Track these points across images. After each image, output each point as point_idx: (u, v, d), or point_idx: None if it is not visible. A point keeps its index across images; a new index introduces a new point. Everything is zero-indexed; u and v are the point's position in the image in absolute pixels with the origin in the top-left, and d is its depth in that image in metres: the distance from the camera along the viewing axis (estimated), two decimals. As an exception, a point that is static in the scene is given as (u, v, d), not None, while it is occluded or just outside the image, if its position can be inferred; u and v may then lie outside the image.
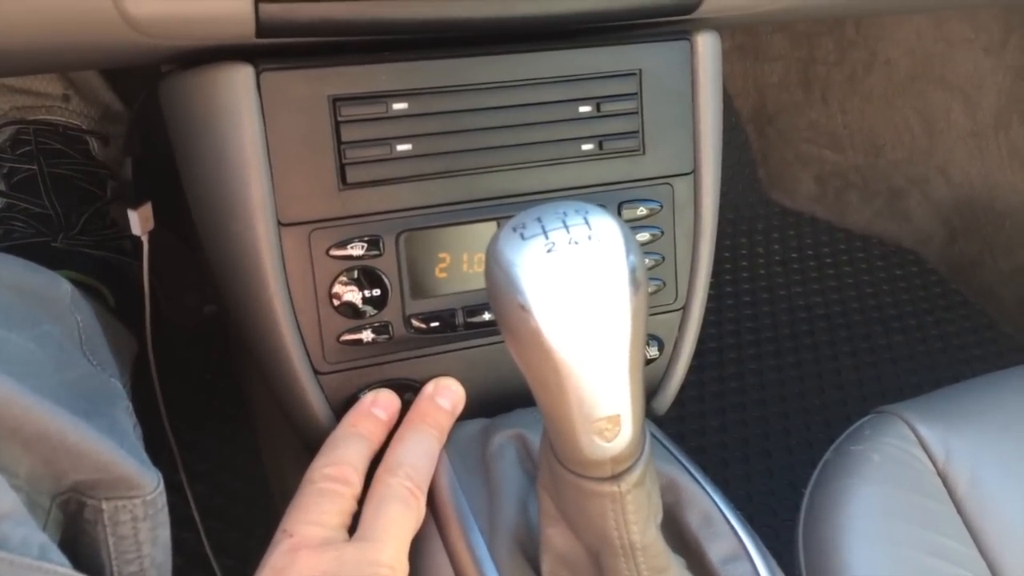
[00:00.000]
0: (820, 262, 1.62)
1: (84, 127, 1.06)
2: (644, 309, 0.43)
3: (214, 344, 1.24)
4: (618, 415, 0.44)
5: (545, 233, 0.43)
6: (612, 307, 0.42)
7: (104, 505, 0.42)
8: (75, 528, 0.42)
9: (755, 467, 1.23)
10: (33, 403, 0.39)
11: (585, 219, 0.44)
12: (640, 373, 0.45)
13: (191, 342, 1.25)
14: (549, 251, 0.42)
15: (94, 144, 1.08)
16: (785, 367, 1.41)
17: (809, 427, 1.31)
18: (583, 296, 0.42)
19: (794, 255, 1.62)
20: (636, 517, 0.48)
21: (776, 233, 1.66)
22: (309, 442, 0.67)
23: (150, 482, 0.43)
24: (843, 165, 1.70)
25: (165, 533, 0.44)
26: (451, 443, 0.63)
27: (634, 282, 0.42)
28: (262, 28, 0.56)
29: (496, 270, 0.43)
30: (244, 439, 1.13)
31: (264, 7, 0.55)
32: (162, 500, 0.44)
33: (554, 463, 0.48)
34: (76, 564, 0.38)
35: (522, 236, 0.44)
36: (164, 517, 0.44)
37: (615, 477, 0.46)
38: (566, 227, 0.43)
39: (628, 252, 0.43)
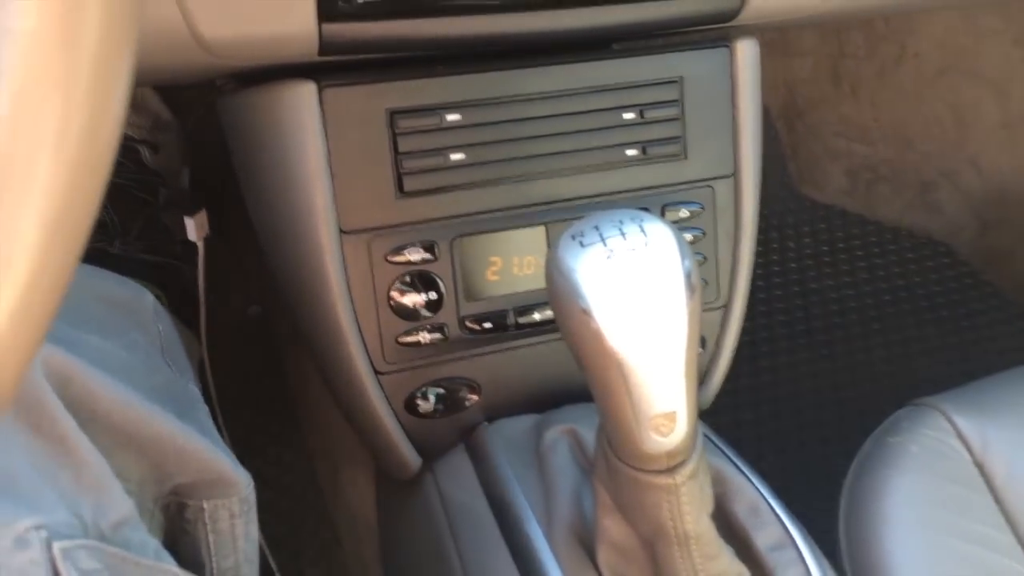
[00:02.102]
0: (851, 255, 1.63)
1: (136, 137, 1.10)
2: (699, 311, 0.46)
3: (260, 344, 1.28)
4: (674, 412, 0.47)
5: (603, 240, 0.46)
6: (670, 310, 0.45)
7: (205, 504, 0.45)
8: (175, 529, 0.45)
9: (790, 459, 1.25)
10: (149, 409, 0.42)
11: (641, 226, 0.46)
12: (695, 371, 0.47)
13: (237, 343, 1.28)
14: (608, 258, 0.45)
15: (146, 153, 1.11)
16: (818, 360, 1.43)
17: (843, 419, 1.33)
18: (642, 300, 0.44)
19: (825, 248, 1.64)
20: (690, 508, 0.50)
21: (807, 227, 1.67)
22: (367, 440, 0.70)
23: (244, 481, 0.46)
24: (873, 158, 1.70)
25: (254, 529, 0.48)
26: (505, 438, 0.66)
27: (690, 286, 0.45)
28: (325, 47, 0.59)
29: (557, 276, 0.46)
30: (291, 436, 1.16)
31: (327, 27, 0.58)
32: (253, 497, 0.47)
33: (611, 457, 0.50)
34: (178, 563, 0.41)
35: (581, 244, 0.46)
36: (254, 514, 0.47)
37: (670, 470, 0.49)
38: (623, 234, 0.46)
39: (683, 257, 0.45)
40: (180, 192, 1.09)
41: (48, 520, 0.33)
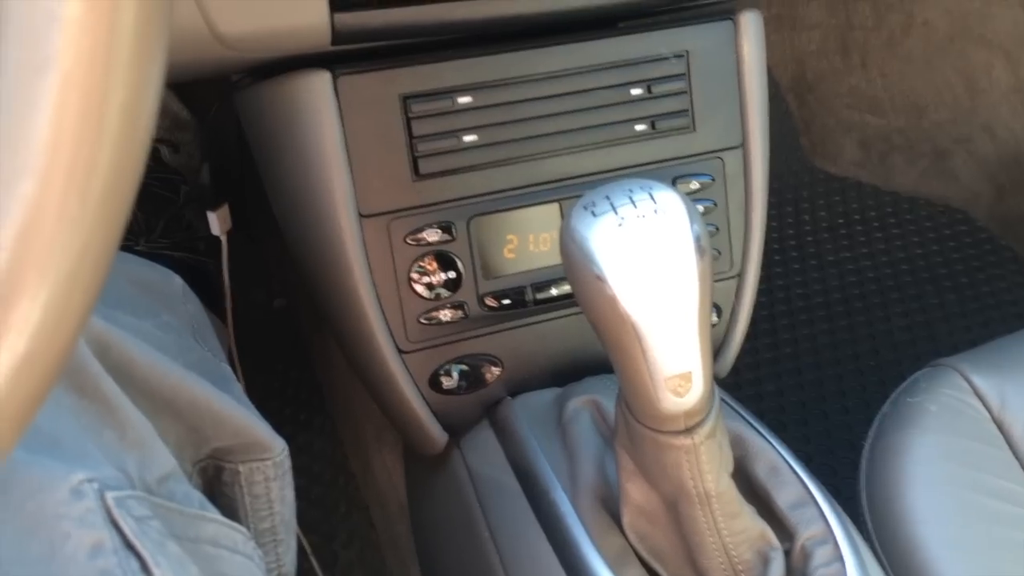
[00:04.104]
0: (868, 226, 1.63)
1: (156, 136, 1.12)
2: (709, 274, 0.48)
3: (286, 336, 1.30)
4: (690, 372, 0.48)
5: (615, 209, 0.47)
6: (681, 272, 0.46)
7: (241, 468, 0.47)
8: (212, 491, 0.48)
9: (813, 428, 1.26)
10: (185, 375, 0.44)
11: (650, 194, 0.48)
12: (708, 333, 0.49)
13: (262, 335, 1.31)
14: (620, 225, 0.46)
15: (165, 152, 1.14)
16: (838, 331, 1.43)
17: (865, 387, 1.34)
18: (654, 264, 0.46)
19: (841, 220, 1.64)
20: (710, 467, 0.52)
21: (822, 200, 1.67)
22: (394, 418, 0.72)
23: (278, 445, 0.48)
24: (886, 129, 1.70)
25: (291, 492, 0.50)
26: (528, 412, 0.67)
27: (699, 249, 0.46)
28: (337, 36, 0.60)
29: (572, 246, 0.48)
30: (321, 423, 1.19)
31: (339, 17, 0.60)
32: (288, 462, 0.49)
33: (631, 421, 0.52)
34: None
35: (593, 213, 0.48)
36: (290, 478, 0.49)
37: (689, 430, 0.50)
38: (633, 202, 0.47)
39: (692, 222, 0.47)
40: (201, 188, 1.11)
41: (97, 475, 0.35)
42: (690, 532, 0.55)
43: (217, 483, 0.48)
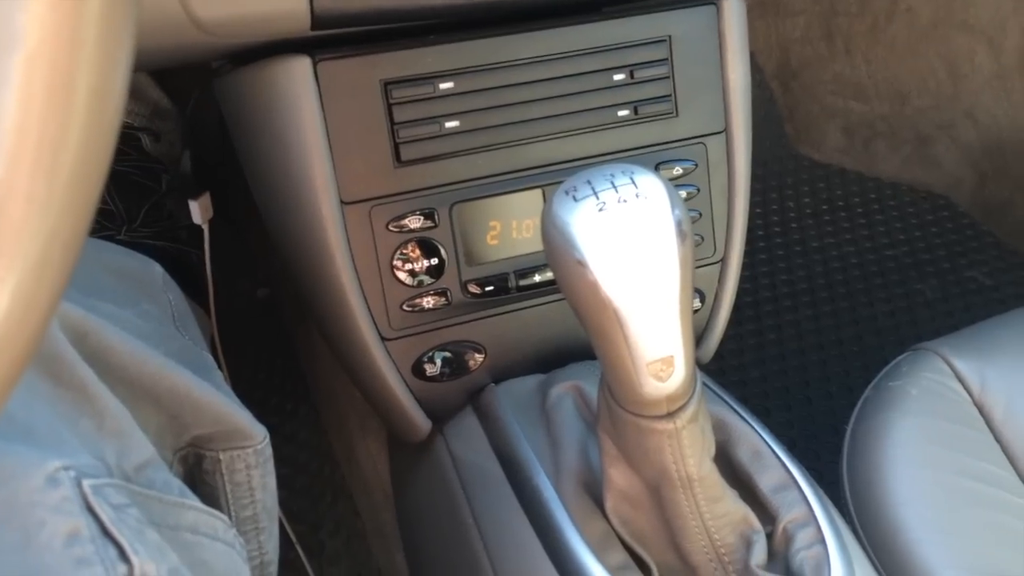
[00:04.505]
0: (851, 212, 1.64)
1: (136, 124, 1.11)
2: (691, 258, 0.48)
3: (269, 325, 1.30)
4: (671, 356, 0.48)
5: (596, 194, 0.47)
6: (662, 257, 0.46)
7: (221, 456, 0.47)
8: (193, 479, 0.47)
9: (797, 414, 1.26)
10: (164, 363, 0.44)
11: (631, 179, 0.48)
12: (689, 318, 0.49)
13: (246, 325, 1.30)
14: (600, 210, 0.46)
15: (146, 140, 1.13)
16: (822, 316, 1.44)
17: (848, 372, 1.34)
18: (635, 248, 0.46)
19: (824, 207, 1.64)
20: (692, 451, 0.52)
21: (806, 187, 1.68)
22: (377, 405, 0.72)
23: (259, 433, 0.48)
24: (870, 115, 1.71)
25: (272, 480, 0.50)
26: (511, 398, 0.67)
27: (680, 233, 0.46)
28: (317, 21, 0.60)
29: (553, 231, 0.48)
30: (306, 413, 1.18)
31: (318, 2, 0.59)
32: (269, 450, 0.49)
33: (614, 406, 0.52)
34: None
35: (574, 198, 0.48)
36: (271, 466, 0.49)
37: (671, 414, 0.50)
38: (614, 187, 0.47)
39: (673, 207, 0.47)
40: (182, 177, 1.11)
41: (73, 462, 0.34)
42: (672, 516, 0.55)
43: (198, 471, 0.47)
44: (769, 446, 0.62)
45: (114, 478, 0.36)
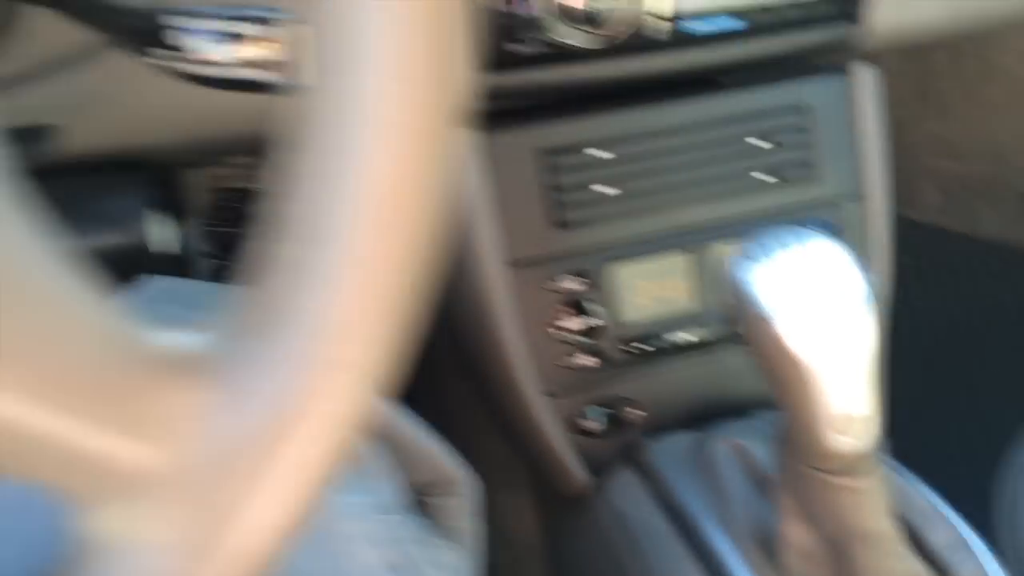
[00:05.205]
0: (956, 275, 1.62)
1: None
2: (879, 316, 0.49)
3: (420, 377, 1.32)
4: (865, 415, 0.49)
5: (771, 256, 0.49)
6: (856, 313, 0.48)
7: (438, 501, 0.49)
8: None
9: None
10: (394, 411, 0.47)
11: (807, 242, 0.50)
12: (877, 375, 0.50)
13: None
14: (784, 269, 0.48)
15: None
16: (933, 380, 1.42)
17: (975, 438, 1.32)
18: (827, 304, 0.48)
19: (929, 269, 1.63)
20: (878, 507, 0.53)
21: (905, 249, 1.67)
22: (537, 460, 0.74)
23: (468, 481, 0.50)
24: (968, 176, 1.70)
25: (481, 525, 0.52)
26: (669, 453, 0.69)
27: (871, 294, 0.48)
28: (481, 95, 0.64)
29: (737, 290, 0.50)
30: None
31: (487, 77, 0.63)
32: (478, 497, 0.51)
33: (798, 463, 0.53)
34: None
35: (756, 259, 0.50)
36: (479, 513, 0.51)
37: (860, 471, 0.51)
38: (787, 248, 0.49)
39: (862, 269, 0.48)
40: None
41: (373, 499, 0.37)
42: (853, 573, 0.55)
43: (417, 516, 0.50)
44: (935, 506, 0.63)
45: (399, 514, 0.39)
